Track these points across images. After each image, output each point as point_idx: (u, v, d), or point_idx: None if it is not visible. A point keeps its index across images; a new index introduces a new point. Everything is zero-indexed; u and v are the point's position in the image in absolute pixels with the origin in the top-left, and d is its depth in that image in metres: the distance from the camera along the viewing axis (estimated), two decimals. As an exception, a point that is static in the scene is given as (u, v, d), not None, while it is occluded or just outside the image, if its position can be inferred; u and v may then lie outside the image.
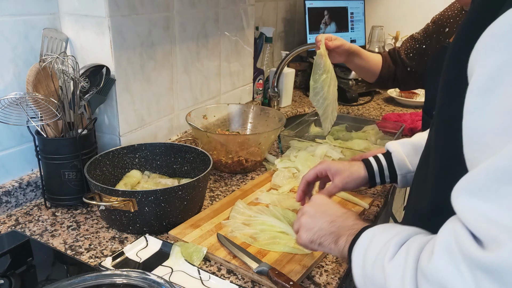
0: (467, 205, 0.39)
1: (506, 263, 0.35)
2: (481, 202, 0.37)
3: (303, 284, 0.77)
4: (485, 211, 0.37)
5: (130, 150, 1.05)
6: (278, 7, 2.01)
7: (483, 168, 0.37)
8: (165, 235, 0.89)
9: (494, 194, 0.36)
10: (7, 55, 0.93)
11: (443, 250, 0.42)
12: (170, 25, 1.20)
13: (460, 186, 0.40)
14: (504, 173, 0.35)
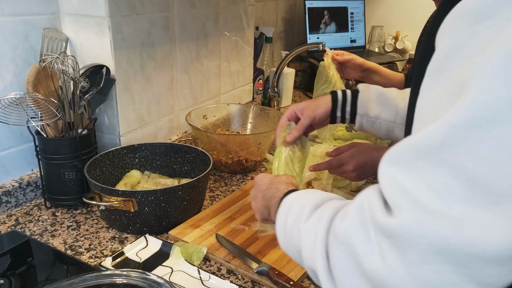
0: (386, 172, 0.41)
1: (403, 229, 0.37)
2: (397, 171, 0.39)
3: (303, 284, 0.77)
4: (399, 179, 0.39)
5: (130, 150, 1.05)
6: (278, 7, 2.01)
7: (406, 141, 0.39)
8: (165, 235, 0.89)
9: (409, 165, 0.38)
10: (7, 55, 0.93)
11: (355, 213, 0.44)
12: (170, 25, 1.20)
13: (386, 155, 0.42)
14: (420, 148, 0.38)
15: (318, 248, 0.48)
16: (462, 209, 0.35)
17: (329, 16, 2.02)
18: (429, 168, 0.37)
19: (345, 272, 0.44)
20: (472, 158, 0.35)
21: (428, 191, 0.37)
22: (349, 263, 0.43)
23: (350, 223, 0.44)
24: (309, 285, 0.77)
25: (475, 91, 0.34)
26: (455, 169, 0.35)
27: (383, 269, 0.39)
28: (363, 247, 0.41)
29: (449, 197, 0.36)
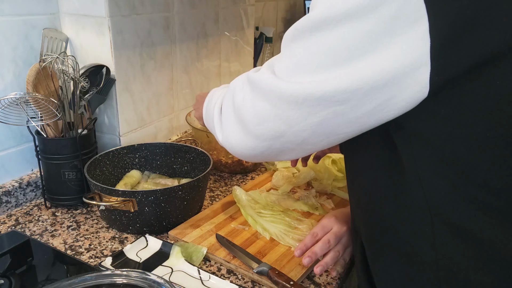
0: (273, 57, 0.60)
1: (255, 78, 0.56)
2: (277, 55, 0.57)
3: (303, 284, 0.77)
4: (274, 57, 0.58)
5: (130, 150, 1.05)
6: (278, 7, 2.01)
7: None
8: (165, 235, 0.89)
9: (281, 51, 0.55)
10: (7, 55, 0.93)
11: (242, 75, 0.65)
12: (170, 25, 1.20)
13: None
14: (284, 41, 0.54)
15: (221, 98, 0.69)
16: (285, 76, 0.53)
17: (329, 16, 2.02)
18: (284, 52, 0.54)
19: (227, 109, 0.64)
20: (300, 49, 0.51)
21: (278, 64, 0.54)
22: (229, 103, 0.63)
23: (238, 78, 0.65)
24: (309, 285, 0.77)
25: (309, 12, 0.50)
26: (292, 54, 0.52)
27: (242, 102, 0.59)
28: (238, 90, 0.61)
29: (284, 69, 0.53)
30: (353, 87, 0.48)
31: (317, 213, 0.97)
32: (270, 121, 0.55)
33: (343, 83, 0.48)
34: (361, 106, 0.49)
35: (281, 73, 0.53)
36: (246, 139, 0.60)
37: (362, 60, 0.47)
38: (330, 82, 0.48)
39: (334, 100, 0.49)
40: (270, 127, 0.56)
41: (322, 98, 0.49)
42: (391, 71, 0.46)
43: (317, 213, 0.97)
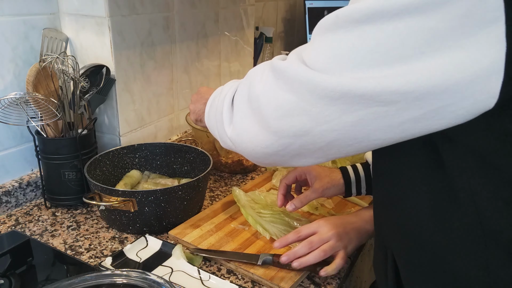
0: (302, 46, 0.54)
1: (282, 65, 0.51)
2: (307, 43, 0.52)
3: (302, 284, 0.77)
4: (303, 46, 0.53)
5: (130, 150, 1.05)
6: (278, 7, 2.01)
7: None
8: (165, 235, 0.89)
9: (312, 39, 0.50)
10: (7, 55, 0.93)
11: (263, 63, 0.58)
12: (170, 25, 1.20)
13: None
14: (319, 28, 0.49)
15: (232, 89, 0.61)
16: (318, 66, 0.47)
17: (329, 16, 2.02)
18: (319, 41, 0.48)
19: (241, 99, 0.57)
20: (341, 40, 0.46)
21: (310, 54, 0.48)
22: (245, 92, 0.57)
23: (258, 67, 0.58)
24: (309, 285, 0.77)
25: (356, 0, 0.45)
26: (330, 45, 0.46)
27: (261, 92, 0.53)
28: (257, 79, 0.55)
29: (317, 59, 0.47)
30: (404, 89, 0.42)
31: (317, 213, 0.97)
32: (295, 115, 0.49)
33: (393, 83, 0.42)
34: (408, 110, 0.43)
35: (315, 64, 0.47)
36: (262, 134, 0.54)
37: (420, 61, 0.41)
38: (377, 80, 0.43)
39: (378, 100, 0.44)
40: (294, 123, 0.50)
41: (363, 96, 0.44)
42: (454, 76, 0.40)
43: (317, 213, 0.97)
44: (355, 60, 0.44)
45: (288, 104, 0.49)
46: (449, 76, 0.41)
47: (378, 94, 0.43)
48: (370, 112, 0.45)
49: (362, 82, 0.44)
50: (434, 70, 0.41)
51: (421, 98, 0.42)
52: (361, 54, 0.44)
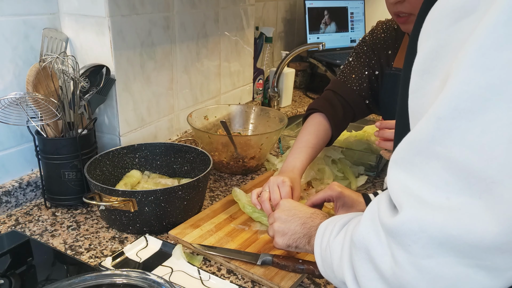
0: (391, 175, 0.42)
1: (404, 226, 0.38)
2: (400, 170, 0.40)
3: (302, 284, 0.77)
4: (402, 179, 0.40)
5: (130, 150, 1.05)
6: (278, 7, 2.01)
7: (404, 140, 0.40)
8: (165, 235, 0.89)
9: (409, 163, 0.39)
10: (7, 55, 0.93)
11: (367, 218, 0.45)
12: (170, 25, 1.20)
13: (391, 158, 0.43)
14: (415, 145, 0.38)
15: (345, 258, 0.49)
16: (458, 199, 0.35)
17: (329, 16, 2.02)
18: (425, 162, 0.37)
19: (367, 278, 0.44)
20: (460, 148, 0.35)
21: (427, 186, 0.37)
22: (368, 268, 0.44)
23: (364, 229, 0.45)
24: (309, 285, 0.77)
25: (455, 82, 0.35)
26: (447, 161, 0.36)
27: (396, 269, 0.40)
28: (377, 250, 0.42)
29: (446, 188, 0.36)
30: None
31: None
32: (463, 280, 0.37)
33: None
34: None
35: (444, 194, 0.36)
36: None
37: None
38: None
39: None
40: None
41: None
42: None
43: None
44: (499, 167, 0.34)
45: (447, 271, 0.37)
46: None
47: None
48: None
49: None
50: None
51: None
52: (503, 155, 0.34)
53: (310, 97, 1.95)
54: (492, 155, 0.34)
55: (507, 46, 0.32)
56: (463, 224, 0.35)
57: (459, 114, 0.35)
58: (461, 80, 0.34)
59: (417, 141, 0.38)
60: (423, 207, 0.37)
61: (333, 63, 1.88)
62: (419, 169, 0.38)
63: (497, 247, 0.35)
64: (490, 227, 0.34)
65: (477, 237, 0.35)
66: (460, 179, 0.35)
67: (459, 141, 0.35)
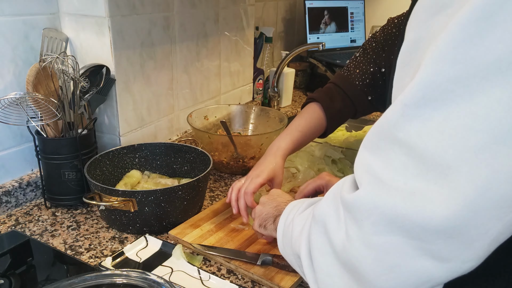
0: (359, 156, 0.43)
1: (358, 201, 0.40)
2: (367, 153, 0.42)
3: (302, 284, 0.77)
4: (367, 160, 0.41)
5: (130, 150, 1.05)
6: (278, 7, 2.01)
7: (374, 125, 0.42)
8: (165, 235, 0.89)
9: (375, 146, 0.41)
10: (7, 55, 0.93)
11: (330, 194, 0.47)
12: (170, 25, 1.20)
13: (362, 142, 0.44)
14: (382, 130, 0.40)
15: (304, 232, 0.51)
16: (414, 184, 0.36)
17: (329, 16, 2.02)
18: (389, 147, 0.39)
19: (320, 251, 0.46)
20: (421, 135, 0.36)
21: (388, 169, 0.38)
22: (323, 241, 0.45)
23: (325, 203, 0.47)
24: (309, 285, 0.77)
25: (425, 72, 0.36)
26: (408, 146, 0.37)
27: (346, 243, 0.41)
28: (333, 224, 0.44)
29: (404, 173, 0.37)
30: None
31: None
32: (408, 262, 0.38)
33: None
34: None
35: (401, 179, 0.37)
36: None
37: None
38: (500, 176, 0.34)
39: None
40: (409, 272, 0.38)
41: (496, 207, 0.34)
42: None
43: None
44: (456, 155, 0.35)
45: (393, 250, 0.38)
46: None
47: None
48: (506, 222, 0.35)
49: (487, 190, 0.34)
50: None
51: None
52: (460, 144, 0.34)
53: (310, 97, 1.95)
54: (451, 142, 0.35)
55: (476, 42, 0.33)
56: (414, 206, 0.36)
57: (424, 103, 0.36)
58: (431, 71, 0.36)
59: (384, 126, 0.40)
60: (380, 187, 0.38)
61: (333, 63, 1.88)
62: (383, 152, 0.39)
63: (443, 231, 0.35)
64: (440, 210, 0.35)
65: (426, 219, 0.36)
66: (418, 165, 0.36)
67: (420, 128, 0.36)
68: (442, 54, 0.35)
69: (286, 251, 0.58)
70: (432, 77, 0.35)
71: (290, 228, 0.57)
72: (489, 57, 0.33)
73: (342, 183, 0.46)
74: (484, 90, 0.33)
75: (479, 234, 0.35)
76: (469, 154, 0.34)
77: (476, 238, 0.35)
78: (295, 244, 0.53)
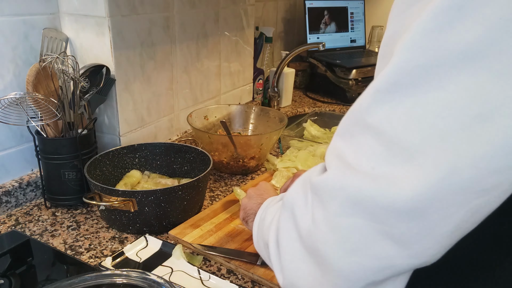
0: (331, 142, 0.44)
1: (325, 183, 0.40)
2: (338, 139, 0.42)
3: (303, 284, 0.77)
4: (338, 145, 0.42)
5: (130, 150, 1.05)
6: (278, 7, 2.01)
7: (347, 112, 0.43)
8: (165, 235, 0.89)
9: (346, 132, 0.41)
10: (7, 55, 0.93)
11: (300, 180, 0.48)
12: (170, 25, 1.20)
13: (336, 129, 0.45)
14: (354, 115, 0.40)
15: (275, 220, 0.51)
16: (381, 169, 0.37)
17: (329, 16, 2.02)
18: (359, 133, 0.39)
19: (286, 237, 0.46)
20: (391, 120, 0.36)
21: (357, 154, 0.39)
22: (290, 227, 0.45)
23: (294, 188, 0.47)
24: (309, 285, 0.77)
25: (396, 59, 0.36)
26: (377, 132, 0.37)
27: (312, 227, 0.41)
28: (301, 209, 0.44)
29: (372, 158, 0.37)
30: (507, 163, 0.34)
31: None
32: (369, 245, 0.38)
33: (488, 158, 0.34)
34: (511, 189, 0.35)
35: (369, 164, 0.37)
36: (326, 282, 0.41)
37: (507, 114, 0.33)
38: (465, 161, 0.34)
39: (478, 190, 0.34)
40: (370, 256, 0.38)
41: (459, 192, 0.34)
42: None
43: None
44: (423, 140, 0.35)
45: (355, 232, 0.38)
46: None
47: (477, 181, 0.34)
48: (469, 209, 0.35)
49: (451, 174, 0.34)
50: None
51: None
52: (428, 129, 0.35)
53: (310, 97, 1.95)
54: (419, 127, 0.35)
55: (446, 31, 0.34)
56: (379, 188, 0.36)
57: (395, 89, 0.36)
58: (402, 58, 0.36)
59: (356, 112, 0.40)
60: (348, 170, 0.39)
61: (333, 63, 1.88)
62: (354, 138, 0.40)
63: (405, 213, 0.36)
64: (403, 192, 0.35)
65: (389, 201, 0.36)
66: (386, 149, 0.37)
67: (390, 113, 0.36)
68: (413, 42, 0.36)
69: (259, 245, 0.58)
70: (403, 64, 0.36)
71: (263, 221, 0.57)
72: (458, 45, 0.34)
73: (313, 169, 0.47)
74: (452, 77, 0.34)
75: (441, 219, 0.35)
76: (436, 139, 0.35)
77: (438, 223, 0.36)
78: (265, 234, 0.53)
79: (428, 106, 0.35)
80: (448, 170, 0.34)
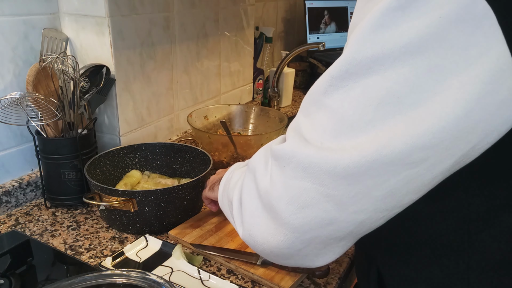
0: (294, 119, 0.50)
1: (283, 151, 0.47)
2: (301, 115, 0.48)
3: (302, 284, 0.77)
4: (298, 121, 0.48)
5: (130, 150, 1.05)
6: (278, 7, 2.01)
7: (307, 93, 0.48)
8: (165, 235, 0.89)
9: (306, 110, 0.47)
10: (7, 55, 0.93)
11: (263, 148, 0.56)
12: (170, 25, 1.20)
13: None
14: (312, 96, 0.46)
15: (239, 182, 0.58)
16: (328, 144, 0.43)
17: (329, 16, 2.02)
18: (315, 111, 0.45)
19: (248, 195, 0.53)
20: (343, 102, 0.42)
21: (311, 130, 0.45)
22: (251, 187, 0.53)
23: (258, 154, 0.55)
24: (309, 285, 0.77)
25: (349, 50, 0.42)
26: (330, 111, 0.43)
27: (269, 185, 0.48)
28: (261, 171, 0.51)
29: (323, 135, 0.44)
30: (433, 142, 0.39)
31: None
32: (314, 205, 0.44)
33: (419, 137, 0.39)
34: (441, 163, 0.41)
35: (320, 139, 0.44)
36: (278, 233, 0.48)
37: (436, 102, 0.38)
38: (400, 139, 0.39)
39: (409, 162, 0.40)
40: (315, 213, 0.44)
41: (391, 163, 0.40)
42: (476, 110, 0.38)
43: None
44: (366, 119, 0.41)
45: (304, 193, 0.44)
46: (475, 107, 0.38)
47: (407, 155, 0.39)
48: (401, 178, 0.41)
49: (384, 146, 0.40)
50: (454, 108, 0.38)
51: (451, 146, 0.39)
52: (371, 111, 0.41)
53: (310, 97, 1.95)
54: (365, 110, 0.41)
55: (392, 27, 0.39)
56: (324, 157, 0.43)
57: (347, 76, 0.42)
58: (353, 49, 0.41)
59: (314, 93, 0.46)
60: (301, 142, 0.45)
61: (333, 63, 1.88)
62: (311, 115, 0.45)
63: (344, 177, 0.42)
64: (343, 160, 0.41)
65: (331, 166, 0.42)
66: (335, 128, 0.43)
67: (344, 97, 0.42)
68: (363, 35, 0.41)
69: (224, 201, 0.66)
70: (354, 55, 0.41)
71: (229, 180, 0.65)
72: (402, 40, 0.39)
73: (274, 140, 0.55)
74: (396, 68, 0.39)
75: (375, 184, 0.41)
76: (378, 121, 0.40)
77: (372, 188, 0.42)
78: (230, 192, 0.61)
79: (373, 92, 0.40)
80: (383, 144, 0.40)
